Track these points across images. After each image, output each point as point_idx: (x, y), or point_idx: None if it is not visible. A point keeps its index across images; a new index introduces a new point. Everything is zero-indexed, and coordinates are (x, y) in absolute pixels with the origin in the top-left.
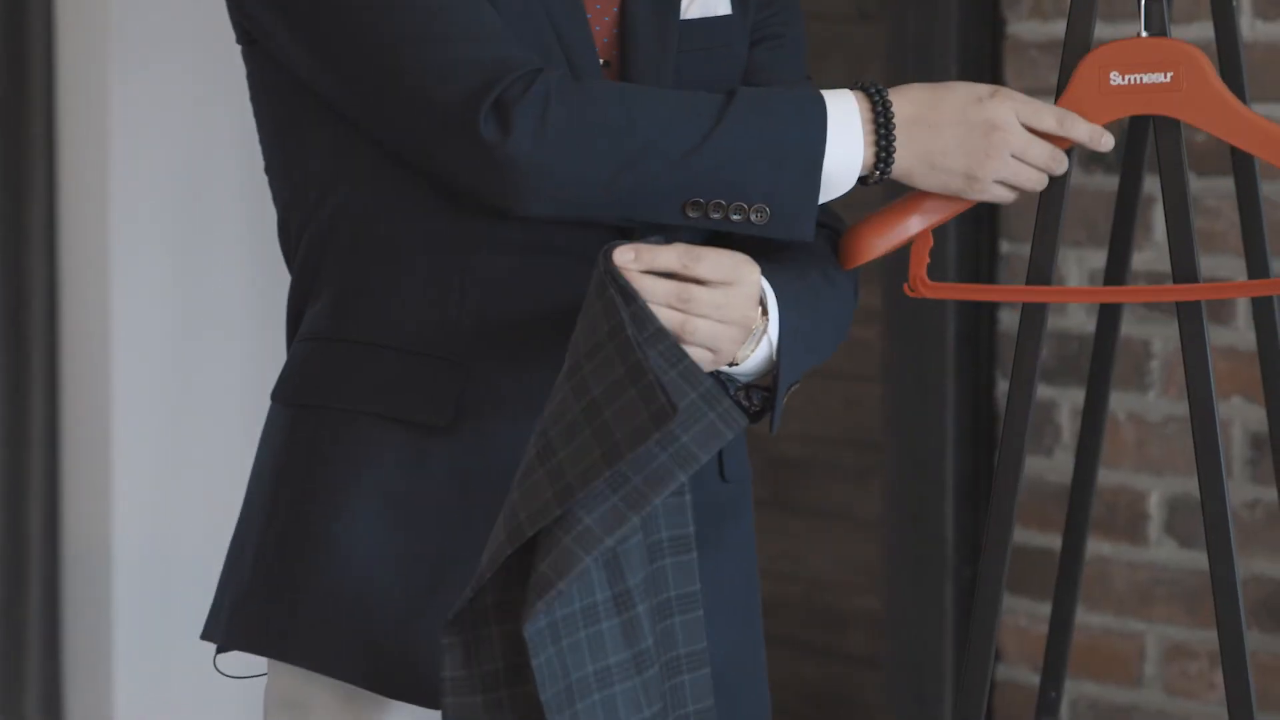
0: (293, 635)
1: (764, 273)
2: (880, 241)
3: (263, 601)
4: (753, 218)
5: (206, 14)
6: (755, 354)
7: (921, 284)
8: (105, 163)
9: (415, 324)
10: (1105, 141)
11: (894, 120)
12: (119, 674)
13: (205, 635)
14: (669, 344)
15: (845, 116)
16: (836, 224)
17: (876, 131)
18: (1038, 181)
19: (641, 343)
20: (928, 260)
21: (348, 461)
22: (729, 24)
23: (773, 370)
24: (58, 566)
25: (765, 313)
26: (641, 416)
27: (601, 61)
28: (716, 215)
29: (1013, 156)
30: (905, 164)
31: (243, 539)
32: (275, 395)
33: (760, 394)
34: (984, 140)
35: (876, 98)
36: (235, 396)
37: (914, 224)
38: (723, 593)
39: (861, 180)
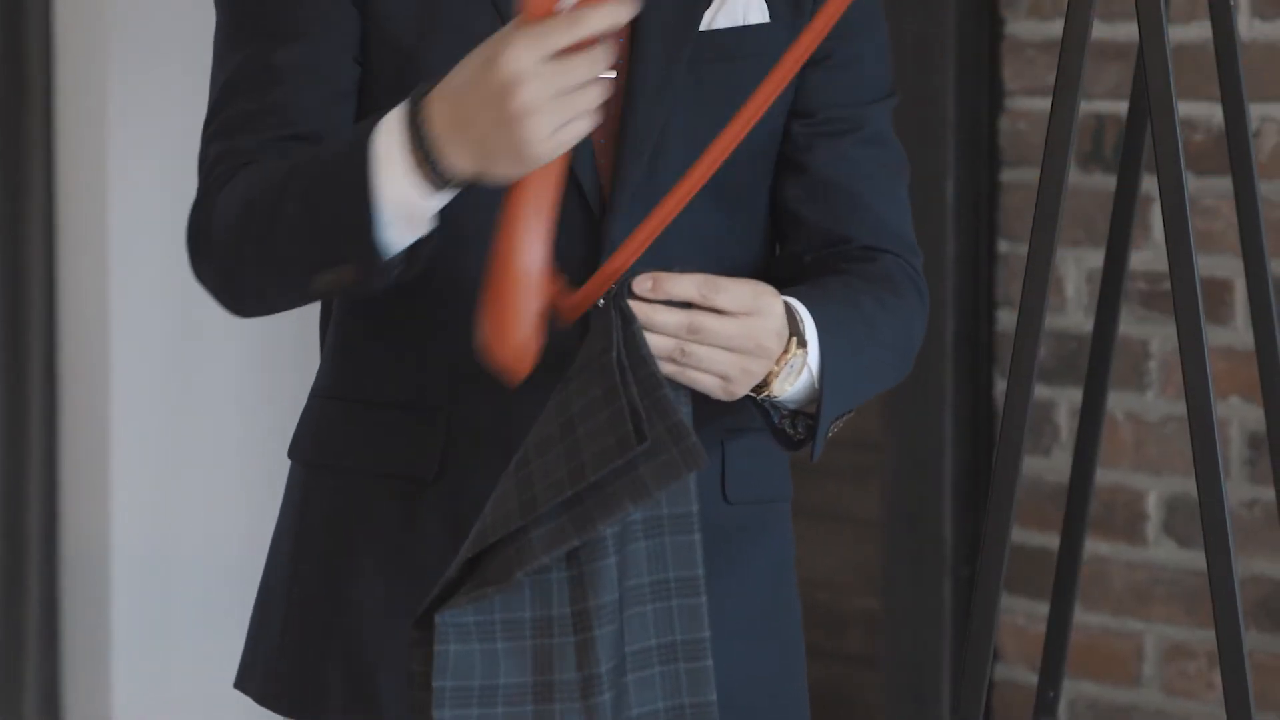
0: (321, 704)
1: (807, 303)
2: (519, 329)
3: (292, 669)
4: (341, 282)
5: (206, 13)
6: (796, 385)
7: (567, 312)
8: (104, 162)
9: (397, 376)
10: (623, 12)
11: (427, 133)
12: (117, 674)
13: (240, 686)
14: (649, 372)
15: (388, 150)
16: (909, 255)
17: (417, 152)
18: (595, 96)
19: (626, 365)
20: (562, 283)
21: (353, 522)
22: (762, 34)
23: (817, 399)
24: (56, 566)
25: (803, 344)
26: (609, 440)
27: (614, 74)
28: (325, 287)
29: (559, 94)
30: (468, 169)
31: (269, 597)
32: (290, 453)
33: (805, 422)
34: (510, 104)
35: (412, 112)
36: (234, 396)
37: (530, 269)
38: (740, 616)
39: (456, 189)
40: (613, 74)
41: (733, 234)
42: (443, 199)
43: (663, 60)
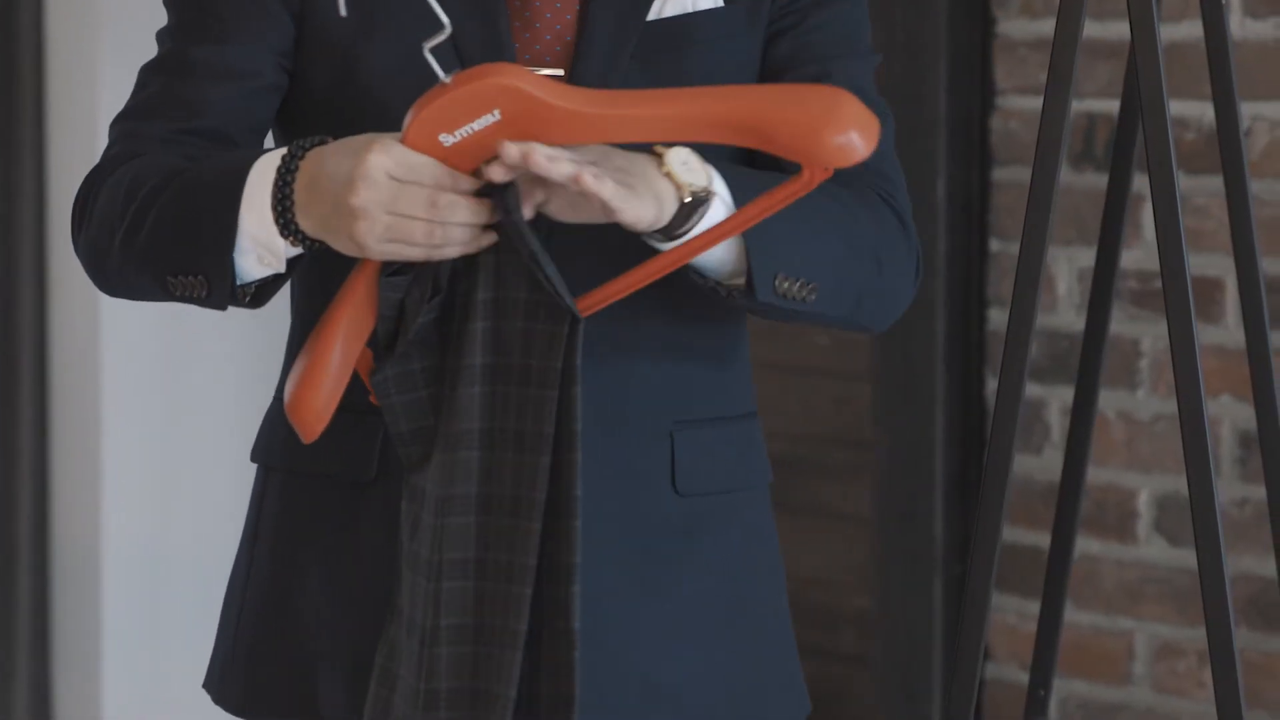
0: (262, 704)
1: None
2: (321, 398)
3: (240, 669)
4: (195, 292)
5: None
6: (712, 219)
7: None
8: (95, 161)
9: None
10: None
11: (291, 185)
12: (108, 674)
13: (205, 685)
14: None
15: (258, 185)
16: (885, 184)
17: (277, 197)
18: (426, 235)
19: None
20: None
21: (298, 525)
22: (715, 18)
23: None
24: (47, 567)
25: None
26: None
27: (560, 72)
28: (179, 292)
29: (388, 212)
30: (313, 230)
31: (228, 599)
32: (252, 456)
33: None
34: (348, 198)
35: (288, 160)
36: (226, 395)
37: (337, 350)
38: (693, 611)
39: (308, 247)
40: (560, 72)
41: None
42: (297, 249)
43: (607, 53)
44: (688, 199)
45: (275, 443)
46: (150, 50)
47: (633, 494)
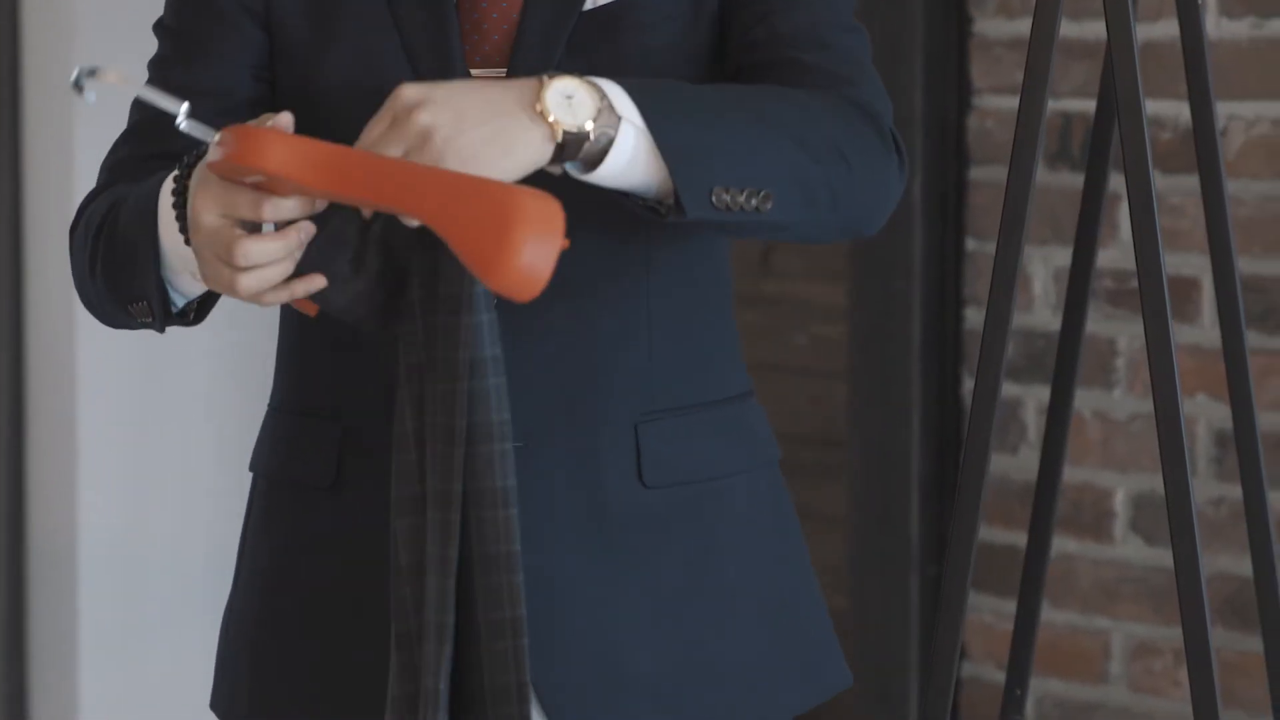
0: (234, 708)
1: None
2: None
3: (224, 672)
4: (145, 317)
5: None
6: (615, 161)
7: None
8: (70, 164)
9: (311, 384)
10: (302, 228)
11: (185, 200)
12: (85, 674)
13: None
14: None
15: (164, 201)
16: (843, 87)
17: (177, 214)
18: (258, 280)
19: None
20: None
21: (274, 530)
22: (651, 3)
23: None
24: (23, 565)
25: (546, 112)
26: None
27: (503, 71)
28: (139, 319)
29: (216, 257)
30: None
31: (227, 602)
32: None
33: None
34: (191, 238)
35: (179, 178)
36: (203, 392)
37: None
38: (671, 605)
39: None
40: (502, 71)
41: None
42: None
43: (542, 46)
44: (559, 140)
45: (258, 448)
46: (125, 54)
47: (597, 487)
